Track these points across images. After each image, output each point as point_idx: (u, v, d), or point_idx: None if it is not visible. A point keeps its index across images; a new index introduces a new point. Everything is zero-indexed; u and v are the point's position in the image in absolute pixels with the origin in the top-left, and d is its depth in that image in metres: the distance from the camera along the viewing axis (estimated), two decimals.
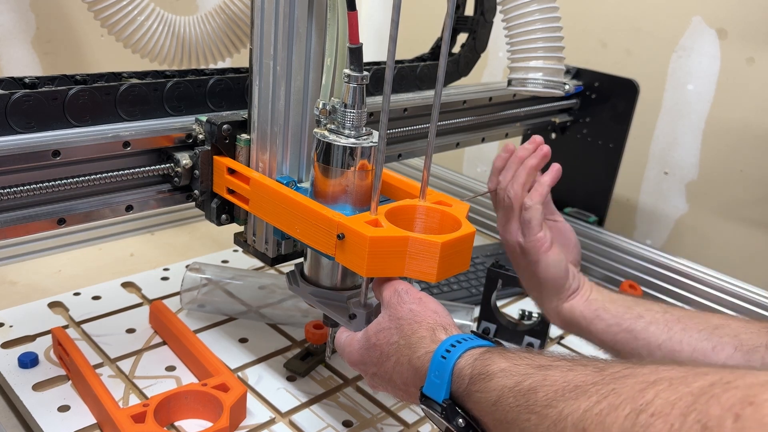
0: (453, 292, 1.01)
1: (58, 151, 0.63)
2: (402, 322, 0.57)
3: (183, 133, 0.72)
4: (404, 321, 0.57)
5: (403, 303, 0.58)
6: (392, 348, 0.57)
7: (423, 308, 0.57)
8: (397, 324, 0.57)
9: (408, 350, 0.55)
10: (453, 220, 0.60)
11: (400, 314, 0.57)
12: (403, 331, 0.56)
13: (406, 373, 0.55)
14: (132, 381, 0.76)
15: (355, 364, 0.61)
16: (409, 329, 0.56)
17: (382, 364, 0.58)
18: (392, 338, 0.57)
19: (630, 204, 1.35)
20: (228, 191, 0.71)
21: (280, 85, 0.67)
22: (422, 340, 0.55)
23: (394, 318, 0.57)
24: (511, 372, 0.47)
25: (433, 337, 0.54)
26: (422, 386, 0.52)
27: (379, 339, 0.58)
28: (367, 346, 0.59)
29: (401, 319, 0.57)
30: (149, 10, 0.88)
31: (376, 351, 0.58)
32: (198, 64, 0.95)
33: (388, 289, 0.60)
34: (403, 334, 0.56)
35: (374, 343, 0.58)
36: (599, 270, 1.14)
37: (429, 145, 0.62)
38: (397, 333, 0.57)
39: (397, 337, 0.57)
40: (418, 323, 0.56)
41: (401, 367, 0.56)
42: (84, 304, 0.90)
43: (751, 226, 1.20)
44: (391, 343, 0.57)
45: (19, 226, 0.64)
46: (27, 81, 0.71)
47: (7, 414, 0.71)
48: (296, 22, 0.65)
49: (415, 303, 0.57)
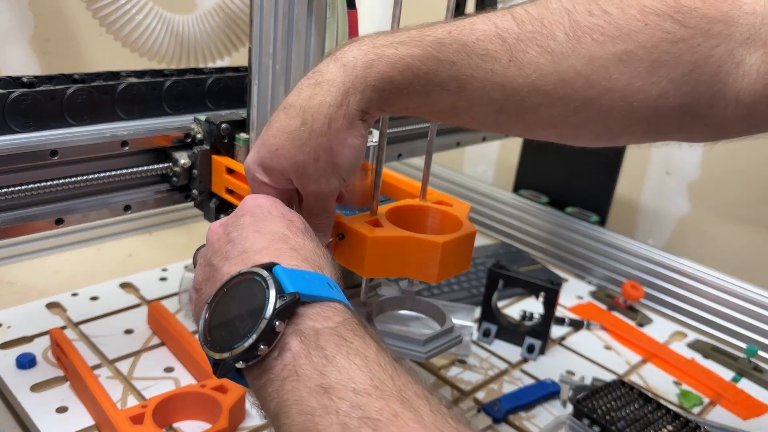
0: (454, 293, 1.01)
1: (56, 151, 0.63)
2: None
3: (181, 132, 0.71)
4: None
5: None
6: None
7: None
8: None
9: None
10: (454, 220, 0.60)
11: None
12: None
13: None
14: (130, 382, 0.76)
15: (223, 224, 0.48)
16: None
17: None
18: None
19: (632, 204, 1.35)
20: (227, 191, 0.70)
21: (280, 83, 0.66)
22: None
23: None
24: None
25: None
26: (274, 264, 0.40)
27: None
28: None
29: None
30: (148, 9, 0.88)
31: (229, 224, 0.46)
32: (197, 63, 0.95)
33: None
34: None
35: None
36: (601, 270, 1.13)
37: (429, 145, 0.62)
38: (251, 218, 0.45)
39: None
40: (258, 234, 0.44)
41: None
42: (82, 304, 0.90)
43: (754, 226, 1.20)
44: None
45: (16, 226, 0.63)
46: (25, 80, 0.70)
47: (5, 415, 0.71)
48: (295, 21, 0.64)
49: None
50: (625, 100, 0.45)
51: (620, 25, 0.43)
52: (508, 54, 0.45)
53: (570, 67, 0.44)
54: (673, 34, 0.43)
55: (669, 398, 0.84)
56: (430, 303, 0.66)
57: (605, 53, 0.44)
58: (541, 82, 0.45)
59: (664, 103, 0.45)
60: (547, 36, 0.44)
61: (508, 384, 0.83)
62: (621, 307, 1.03)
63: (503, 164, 1.54)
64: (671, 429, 0.73)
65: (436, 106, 0.48)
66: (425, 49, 0.45)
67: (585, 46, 0.44)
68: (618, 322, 1.00)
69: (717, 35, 0.43)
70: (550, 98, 0.46)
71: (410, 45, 0.46)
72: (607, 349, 0.93)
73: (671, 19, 0.43)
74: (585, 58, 0.44)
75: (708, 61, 0.43)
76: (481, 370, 0.85)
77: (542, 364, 0.88)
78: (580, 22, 0.44)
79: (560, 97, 0.45)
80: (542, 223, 1.23)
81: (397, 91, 0.47)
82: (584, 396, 0.75)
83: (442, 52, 0.45)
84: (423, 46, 0.45)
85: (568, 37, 0.44)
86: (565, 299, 1.05)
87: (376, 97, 0.47)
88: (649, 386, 0.86)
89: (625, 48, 0.43)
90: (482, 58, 0.45)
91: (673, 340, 0.98)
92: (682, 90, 0.44)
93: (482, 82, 0.46)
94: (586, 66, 0.44)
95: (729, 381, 0.88)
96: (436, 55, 0.45)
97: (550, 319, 0.88)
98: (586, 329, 0.97)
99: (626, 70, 0.44)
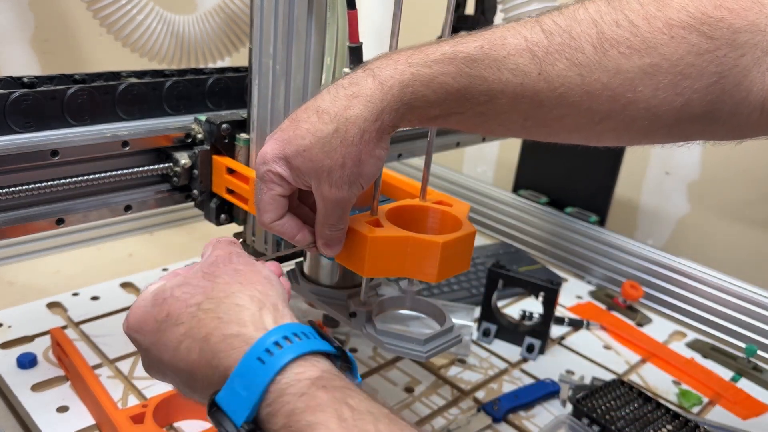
0: (453, 293, 1.01)
1: (56, 151, 0.63)
2: (218, 281, 0.42)
3: (182, 132, 0.71)
4: (221, 281, 0.42)
5: (230, 262, 0.45)
6: (188, 312, 0.41)
7: (253, 272, 0.44)
8: (210, 282, 0.42)
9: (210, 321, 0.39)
10: (454, 220, 0.60)
11: (220, 271, 0.43)
12: (213, 292, 0.41)
13: (196, 357, 0.39)
14: (131, 382, 0.76)
15: (131, 327, 0.44)
16: (224, 291, 0.41)
17: (165, 332, 0.41)
18: (194, 299, 0.41)
19: (631, 204, 1.35)
20: (227, 191, 0.70)
21: (280, 84, 0.66)
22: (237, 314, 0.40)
23: (209, 275, 0.43)
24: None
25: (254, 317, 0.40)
26: (216, 391, 0.38)
27: (175, 293, 0.42)
28: (154, 300, 0.43)
29: (218, 278, 0.43)
30: (148, 9, 0.88)
31: (163, 309, 0.42)
32: (197, 63, 0.95)
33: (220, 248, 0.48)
34: (211, 295, 0.41)
35: (164, 298, 0.42)
36: (600, 270, 1.14)
37: (429, 145, 0.62)
38: (203, 293, 0.41)
39: (201, 297, 0.41)
40: (240, 285, 0.42)
41: (192, 343, 0.39)
42: (83, 304, 0.90)
43: (753, 226, 1.20)
44: (189, 304, 0.41)
45: (17, 226, 0.64)
46: (26, 80, 0.70)
47: (6, 415, 0.71)
48: (296, 21, 0.64)
49: (243, 264, 0.45)
50: (649, 110, 0.45)
51: (646, 38, 0.44)
52: (538, 68, 0.45)
53: (596, 80, 0.45)
54: (698, 46, 0.43)
55: (668, 398, 0.84)
56: (430, 303, 0.66)
57: (631, 66, 0.44)
58: (568, 95, 0.46)
59: (687, 111, 0.45)
60: (575, 48, 0.45)
61: (507, 383, 0.83)
62: (620, 306, 1.03)
63: (503, 164, 1.54)
64: (670, 428, 0.73)
65: (464, 117, 0.50)
66: (458, 67, 0.46)
67: (611, 58, 0.44)
68: (617, 322, 1.00)
69: (743, 45, 0.43)
70: (576, 109, 0.47)
71: (444, 63, 0.46)
72: (607, 348, 0.93)
73: (697, 31, 0.43)
74: (611, 71, 0.44)
75: (733, 71, 0.43)
76: (480, 370, 0.85)
77: (542, 364, 0.88)
78: (607, 33, 0.44)
79: (586, 109, 0.46)
80: (542, 223, 1.23)
81: (429, 107, 0.48)
82: (584, 395, 0.75)
83: (474, 68, 0.46)
84: (456, 63, 0.46)
85: (595, 49, 0.45)
86: (565, 299, 1.05)
87: (409, 113, 0.48)
88: (649, 386, 0.86)
89: (651, 61, 0.44)
90: (513, 73, 0.46)
91: (673, 339, 0.98)
92: (706, 99, 0.44)
93: (512, 95, 0.47)
94: (612, 79, 0.45)
95: (728, 380, 0.88)
96: (468, 72, 0.46)
97: (550, 318, 0.88)
98: (586, 329, 0.97)
99: (651, 82, 0.44)
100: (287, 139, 0.48)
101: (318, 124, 0.47)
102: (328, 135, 0.46)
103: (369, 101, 0.46)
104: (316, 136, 0.47)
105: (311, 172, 0.48)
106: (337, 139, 0.46)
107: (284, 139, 0.49)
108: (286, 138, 0.48)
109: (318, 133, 0.47)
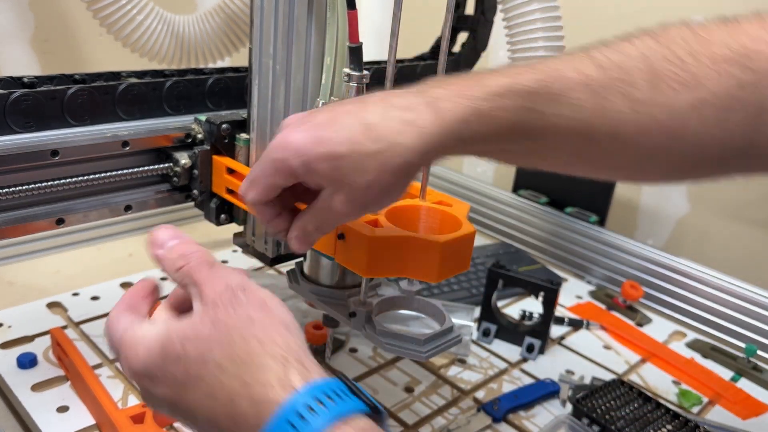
0: (453, 293, 1.01)
1: (56, 151, 0.63)
2: (233, 334, 0.39)
3: (182, 132, 0.72)
4: (237, 334, 0.39)
5: (239, 305, 0.41)
6: (208, 371, 0.39)
7: (269, 318, 0.41)
8: (224, 335, 0.39)
9: (236, 384, 0.38)
10: (453, 220, 0.60)
11: (232, 321, 0.40)
12: (232, 350, 0.39)
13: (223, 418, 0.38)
14: (131, 382, 0.76)
15: (136, 373, 0.42)
16: (244, 350, 0.39)
17: (186, 391, 0.40)
18: (211, 355, 0.39)
19: (631, 204, 1.35)
20: (227, 191, 0.70)
21: (280, 84, 0.66)
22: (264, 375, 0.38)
23: (220, 324, 0.40)
24: None
25: (281, 377, 0.38)
26: None
27: (188, 349, 0.40)
28: (165, 353, 0.41)
29: (232, 330, 0.40)
30: (148, 9, 0.88)
31: (178, 366, 0.40)
32: (197, 63, 0.95)
33: (215, 280, 0.42)
34: (230, 355, 0.39)
35: (178, 354, 0.40)
36: (600, 270, 1.14)
37: None
38: (220, 350, 0.39)
39: (219, 355, 0.39)
40: (260, 343, 0.39)
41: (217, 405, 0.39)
42: (83, 304, 0.90)
43: (753, 226, 1.20)
44: (206, 362, 0.39)
45: (17, 226, 0.64)
46: (25, 80, 0.70)
47: (6, 414, 0.71)
48: (296, 21, 0.64)
49: (256, 308, 0.41)
50: (696, 145, 0.45)
51: (694, 73, 0.44)
52: (593, 103, 0.45)
53: (648, 115, 0.45)
54: (740, 79, 0.44)
55: (668, 398, 0.84)
56: (430, 303, 0.66)
57: (681, 102, 0.44)
58: (620, 131, 0.46)
59: (731, 146, 0.45)
60: (628, 83, 0.45)
61: (507, 383, 0.83)
62: (620, 306, 1.03)
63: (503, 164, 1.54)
64: (670, 428, 0.73)
65: (512, 150, 0.49)
66: (516, 101, 0.45)
67: (663, 93, 0.44)
68: (617, 322, 1.00)
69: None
70: (626, 145, 0.46)
71: (505, 97, 0.44)
72: (607, 348, 0.93)
73: (739, 64, 0.44)
74: (663, 107, 0.45)
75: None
76: (480, 370, 0.85)
77: (542, 364, 0.88)
78: (658, 68, 0.44)
79: (635, 144, 0.46)
80: (542, 223, 1.23)
81: (479, 142, 0.46)
82: (584, 395, 0.75)
83: (532, 102, 0.45)
84: (515, 97, 0.45)
85: (648, 84, 0.45)
86: (565, 299, 1.05)
87: (456, 147, 0.46)
88: (649, 386, 0.86)
89: (699, 96, 0.44)
90: (570, 108, 0.45)
91: (673, 339, 0.98)
92: (748, 130, 0.45)
93: (565, 129, 0.46)
94: (663, 114, 0.45)
95: (728, 380, 0.88)
96: (526, 106, 0.45)
97: (550, 318, 0.88)
98: (586, 329, 0.97)
99: (699, 117, 0.44)
100: (321, 138, 0.43)
101: (361, 138, 0.43)
102: (369, 154, 0.43)
103: (423, 133, 0.43)
104: (354, 150, 0.43)
105: (332, 181, 0.44)
106: (376, 162, 0.43)
107: (318, 136, 0.43)
108: (320, 136, 0.43)
109: (358, 147, 0.43)
